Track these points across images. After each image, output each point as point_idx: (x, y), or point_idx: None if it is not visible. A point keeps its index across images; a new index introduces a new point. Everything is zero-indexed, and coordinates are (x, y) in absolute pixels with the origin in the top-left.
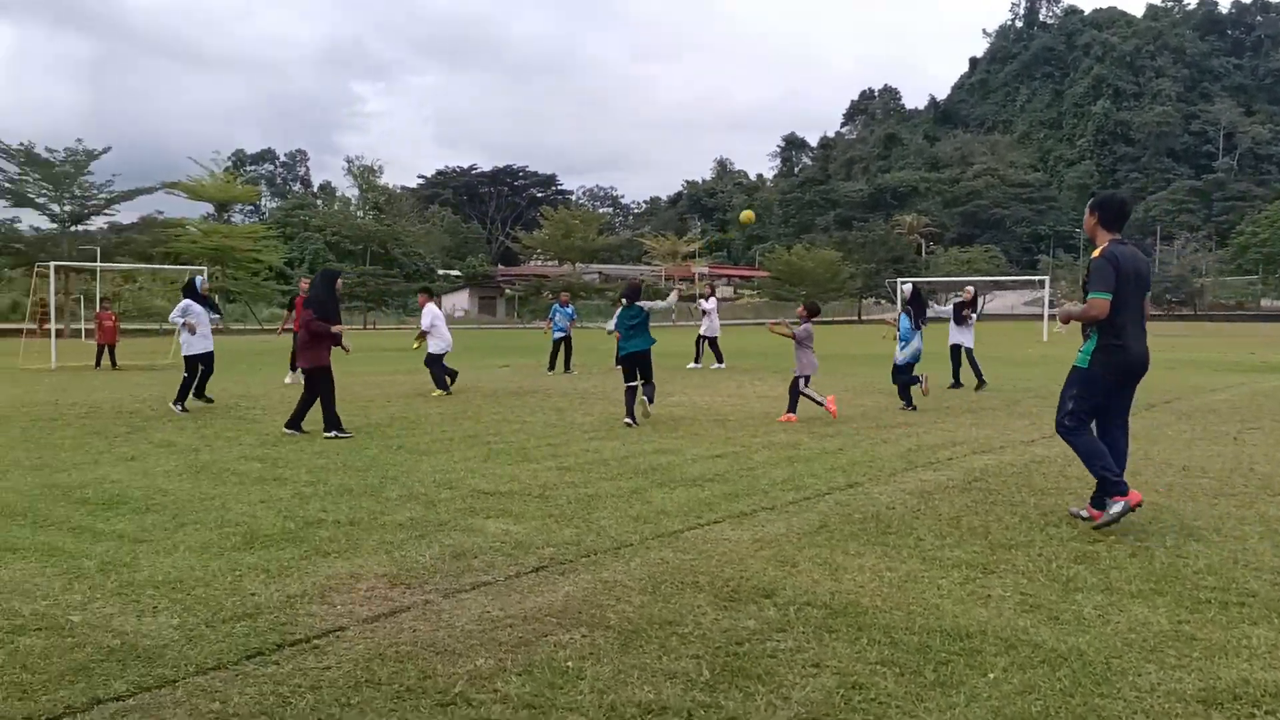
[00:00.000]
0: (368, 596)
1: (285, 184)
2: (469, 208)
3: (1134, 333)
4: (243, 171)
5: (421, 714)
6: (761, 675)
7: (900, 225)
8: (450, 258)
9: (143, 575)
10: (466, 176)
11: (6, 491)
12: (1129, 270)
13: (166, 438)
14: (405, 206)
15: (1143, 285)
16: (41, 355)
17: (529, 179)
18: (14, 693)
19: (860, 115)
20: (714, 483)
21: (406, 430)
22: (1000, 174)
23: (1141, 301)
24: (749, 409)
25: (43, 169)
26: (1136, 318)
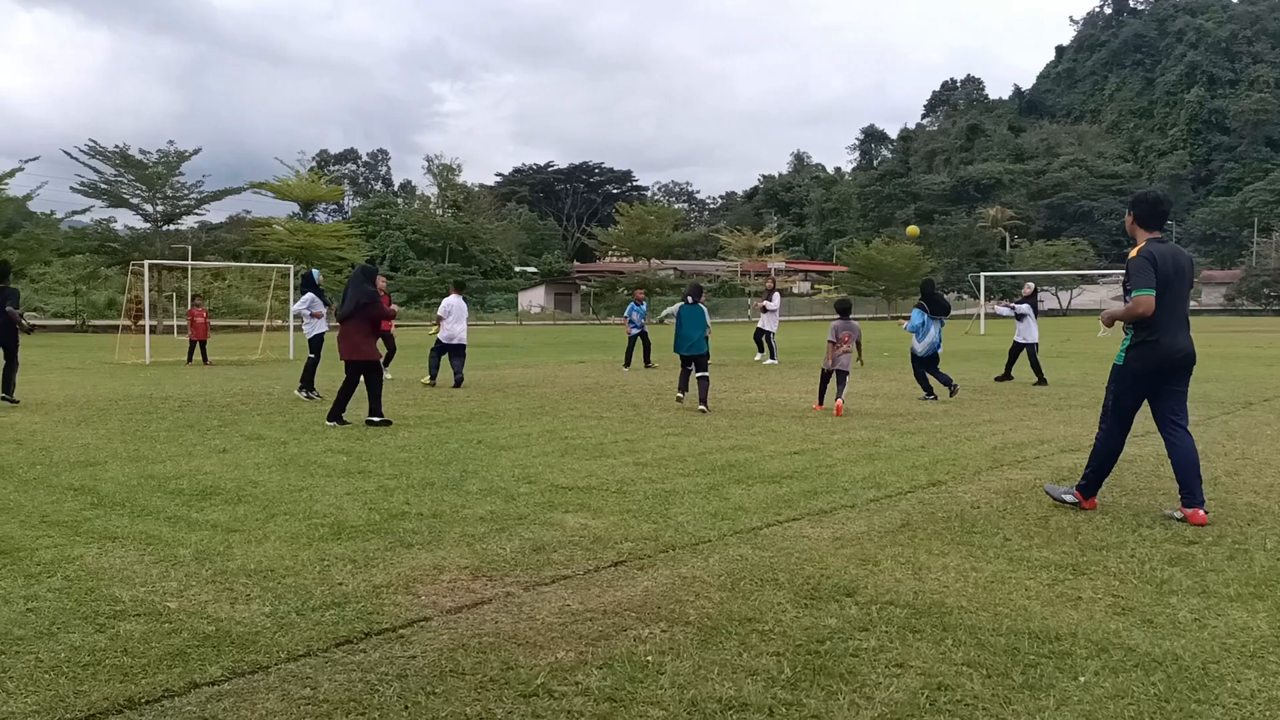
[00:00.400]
0: (450, 588)
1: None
2: (545, 205)
3: (1172, 328)
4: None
5: (505, 704)
6: (844, 674)
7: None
8: (527, 254)
9: (235, 564)
10: (543, 174)
11: (106, 482)
12: (1168, 267)
13: (256, 431)
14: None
15: (1184, 282)
16: (136, 350)
17: (605, 175)
18: (115, 676)
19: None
20: (792, 480)
21: (485, 425)
22: (1088, 165)
23: (1183, 297)
24: (827, 406)
25: (137, 170)
26: (1176, 313)
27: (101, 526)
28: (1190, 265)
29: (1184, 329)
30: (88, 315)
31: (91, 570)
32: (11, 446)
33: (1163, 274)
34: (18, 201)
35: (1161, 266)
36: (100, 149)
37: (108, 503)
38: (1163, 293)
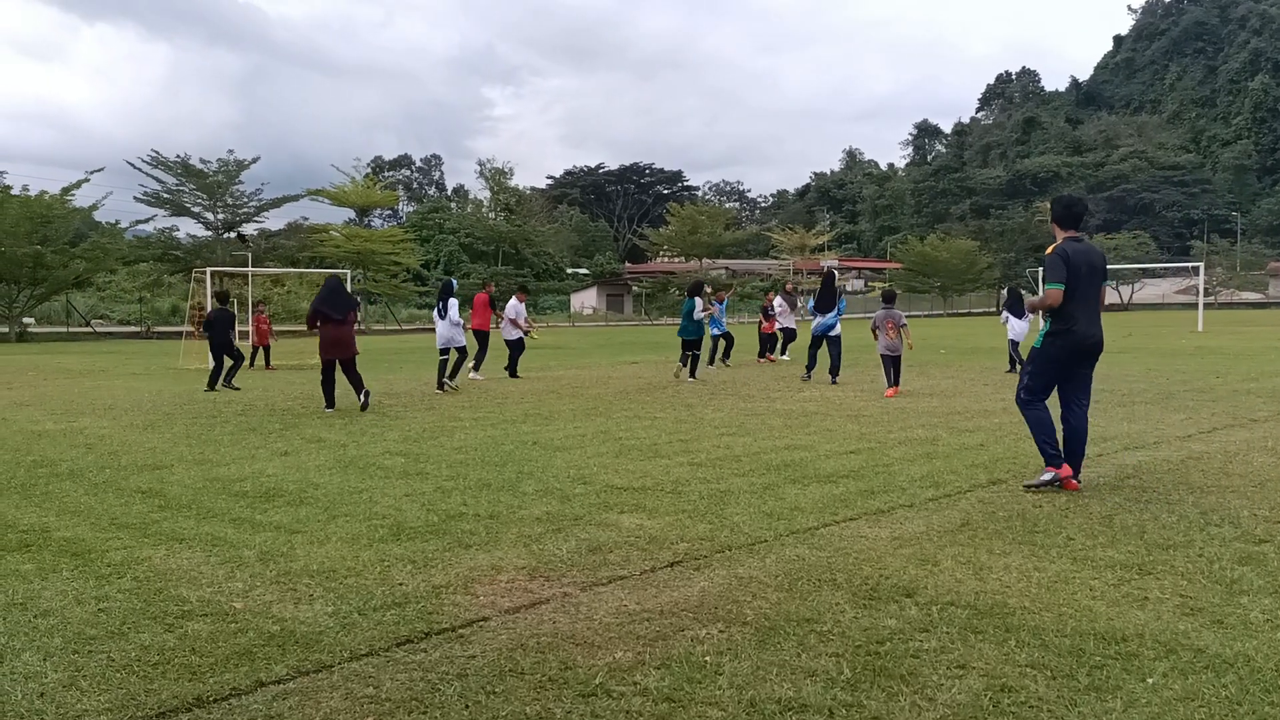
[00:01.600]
0: (508, 588)
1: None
2: (596, 206)
3: (1085, 318)
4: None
5: (564, 704)
6: (905, 675)
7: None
8: (578, 256)
9: (298, 565)
10: (594, 176)
11: (173, 485)
12: (1080, 264)
13: (316, 434)
14: (535, 207)
15: (1096, 278)
16: (199, 356)
17: (655, 176)
18: (184, 674)
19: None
20: (849, 479)
21: (540, 426)
22: (1148, 156)
23: (1096, 291)
24: (884, 404)
25: (198, 179)
26: (1089, 306)
27: (169, 528)
28: (1103, 263)
29: (1095, 320)
30: (152, 322)
31: (160, 571)
32: (81, 451)
33: (1074, 270)
34: (84, 212)
35: (1073, 263)
36: (162, 159)
37: (174, 505)
38: (1075, 287)
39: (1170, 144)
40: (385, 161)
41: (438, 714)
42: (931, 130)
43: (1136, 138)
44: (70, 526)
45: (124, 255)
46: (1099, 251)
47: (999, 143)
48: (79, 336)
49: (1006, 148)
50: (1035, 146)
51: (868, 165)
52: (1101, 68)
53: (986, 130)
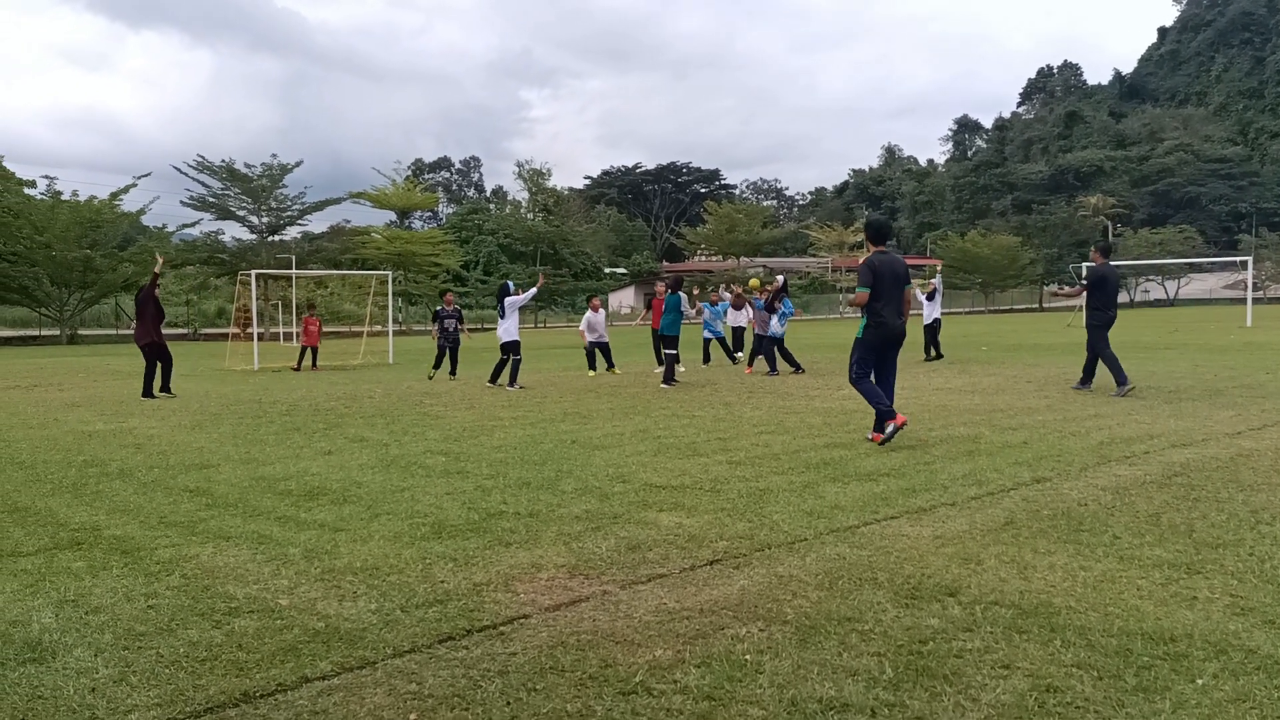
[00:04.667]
0: (549, 586)
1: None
2: (634, 206)
3: (890, 315)
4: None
5: (604, 702)
6: (948, 675)
7: (1084, 207)
8: (616, 256)
9: (342, 562)
10: (631, 175)
11: (220, 484)
12: (885, 272)
13: (359, 433)
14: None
15: (898, 281)
16: (245, 357)
17: (692, 175)
18: (231, 670)
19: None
20: (889, 477)
21: (579, 425)
22: (1194, 149)
23: (899, 293)
24: (924, 402)
25: (242, 183)
26: (894, 304)
27: (216, 526)
28: (905, 270)
29: (898, 314)
30: (199, 324)
31: (207, 569)
32: (131, 450)
33: (880, 276)
34: (132, 216)
35: (879, 271)
36: (207, 164)
37: (221, 504)
38: (881, 290)
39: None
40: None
41: (479, 711)
42: (972, 125)
43: (1182, 130)
44: (120, 525)
45: (171, 258)
46: (901, 261)
47: (1041, 137)
48: (128, 339)
49: (1048, 142)
50: (1078, 141)
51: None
52: (1145, 60)
53: (1028, 125)
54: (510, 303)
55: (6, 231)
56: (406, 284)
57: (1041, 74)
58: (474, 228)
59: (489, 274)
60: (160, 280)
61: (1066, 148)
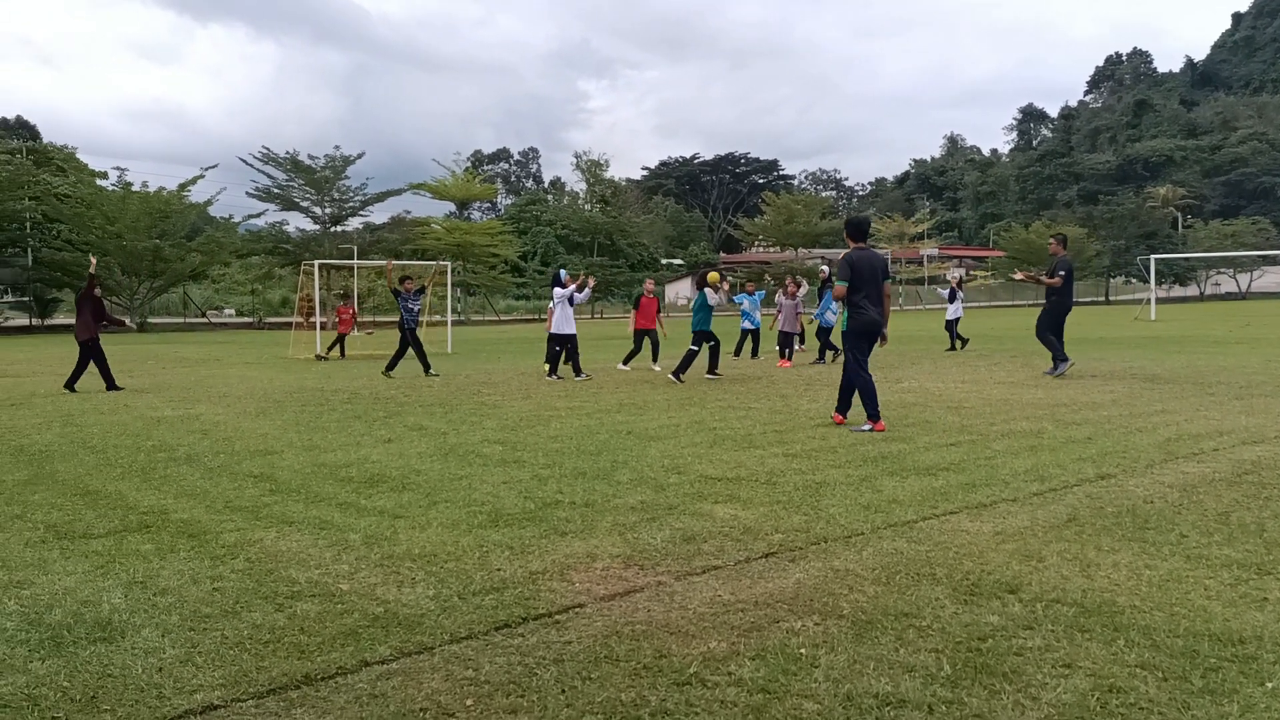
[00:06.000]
0: (604, 575)
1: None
2: (691, 197)
3: (869, 306)
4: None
5: (659, 692)
6: (1007, 673)
7: (1153, 198)
8: (673, 246)
9: (401, 549)
10: (688, 166)
11: (283, 470)
12: (863, 267)
13: (418, 422)
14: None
15: (876, 276)
16: (307, 345)
17: (750, 165)
18: (293, 653)
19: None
20: (949, 472)
21: (634, 416)
22: (1270, 138)
23: (877, 287)
24: (985, 395)
25: (306, 175)
26: (871, 296)
27: (279, 512)
28: (883, 264)
29: (876, 306)
30: (263, 313)
31: (270, 553)
32: (198, 436)
33: (858, 271)
34: (199, 207)
35: (857, 266)
36: (272, 155)
37: (284, 489)
38: (860, 284)
39: None
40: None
41: (535, 698)
42: (1037, 114)
43: (1256, 119)
44: (187, 509)
45: (237, 249)
46: (880, 256)
47: (1108, 126)
48: (195, 327)
49: (1116, 131)
50: (1147, 130)
51: (969, 151)
52: (1219, 47)
53: (1095, 114)
54: (556, 295)
55: (80, 221)
56: (465, 274)
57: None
58: (532, 219)
59: (546, 264)
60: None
61: (1135, 137)
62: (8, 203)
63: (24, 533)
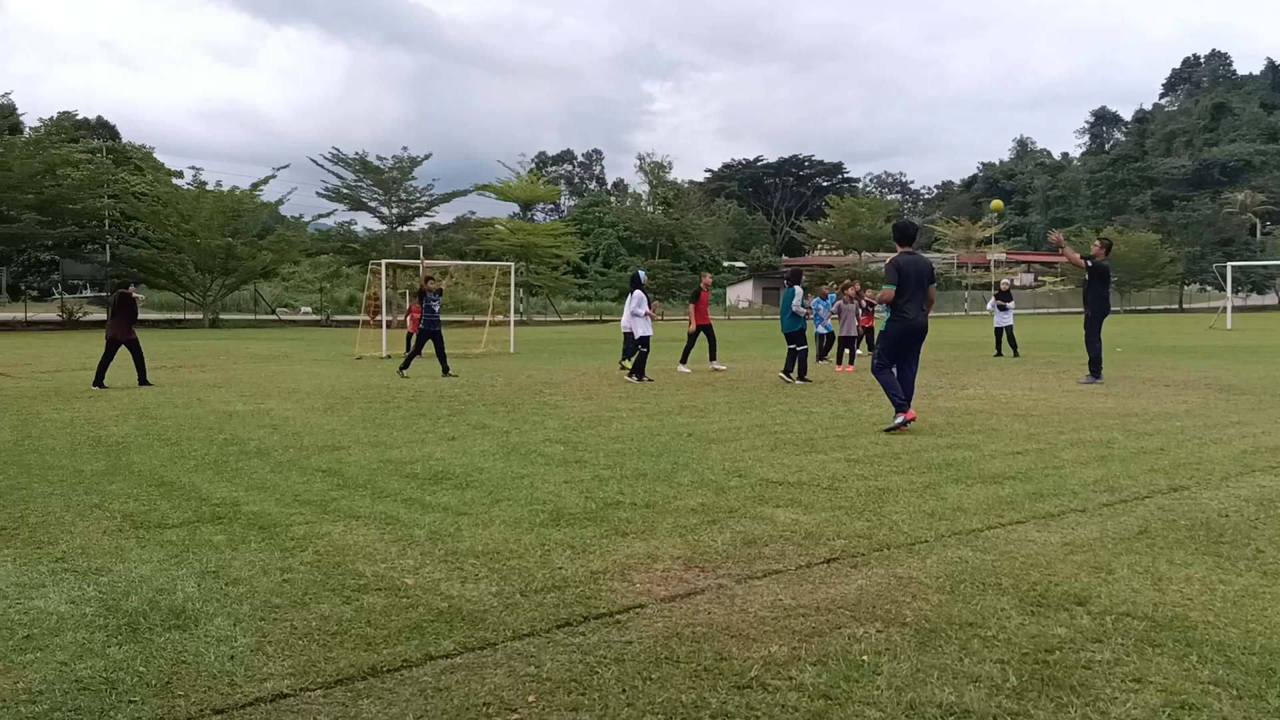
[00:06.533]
0: (664, 577)
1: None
2: (754, 199)
3: (912, 309)
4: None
5: (719, 695)
6: (1075, 686)
7: (1230, 204)
8: (735, 249)
9: (464, 545)
10: (752, 168)
11: (350, 465)
12: (910, 270)
13: (481, 420)
14: (692, 200)
15: (923, 280)
16: (373, 344)
17: (814, 168)
18: (360, 645)
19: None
20: (1015, 481)
21: (695, 418)
22: None
23: (922, 291)
24: (1054, 404)
25: (374, 175)
26: (915, 300)
27: (346, 506)
28: (928, 269)
29: (920, 311)
30: (331, 311)
31: (338, 546)
32: (268, 431)
33: (904, 275)
34: (271, 206)
35: (904, 270)
36: (342, 156)
37: (351, 484)
38: (905, 287)
39: None
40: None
41: (596, 696)
42: (1110, 118)
43: None
44: (258, 501)
45: (307, 247)
46: (926, 261)
47: (1184, 130)
48: (265, 323)
49: (1193, 135)
50: (1225, 134)
51: (1039, 155)
52: None
53: (1171, 117)
54: (633, 300)
55: (156, 219)
56: (528, 275)
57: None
58: (594, 220)
59: (608, 266)
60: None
61: (1212, 141)
62: (88, 200)
63: (102, 521)
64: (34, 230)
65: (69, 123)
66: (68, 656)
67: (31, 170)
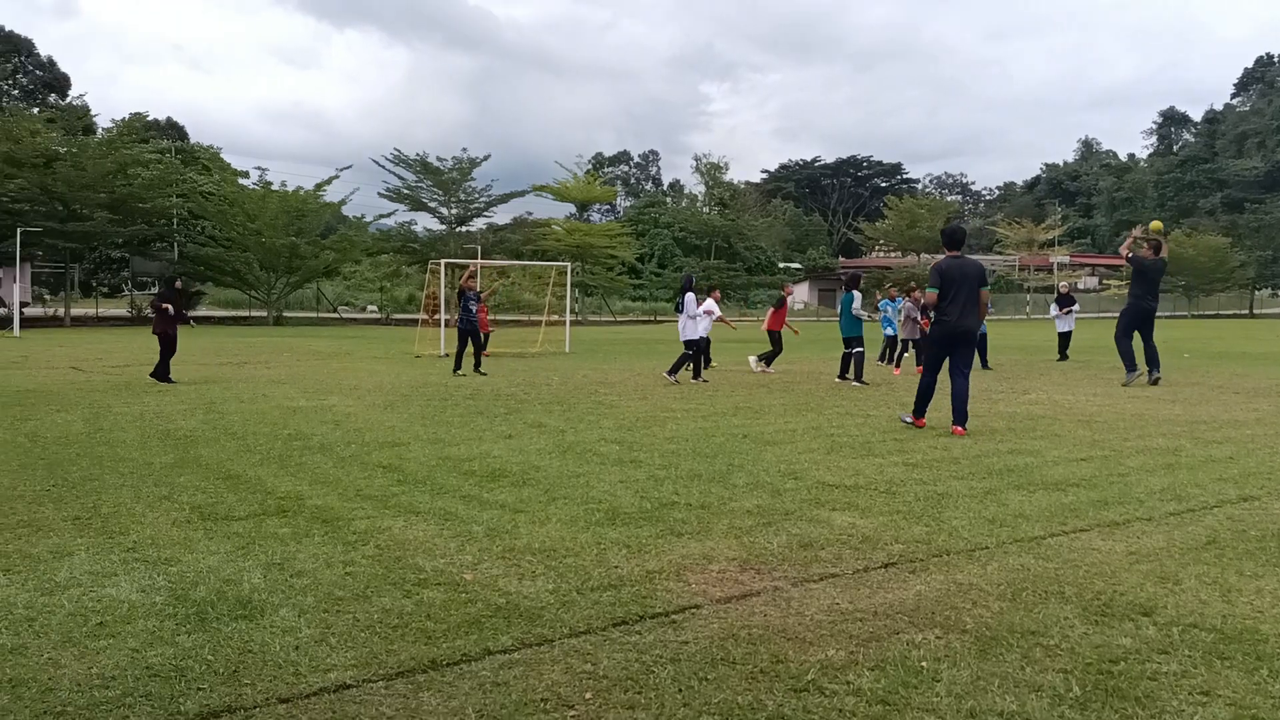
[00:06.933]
0: (719, 578)
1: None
2: (811, 200)
3: (957, 314)
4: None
5: (775, 697)
6: (1140, 698)
7: None
8: (791, 250)
9: (522, 542)
10: (809, 169)
11: (410, 462)
12: (954, 274)
13: (537, 419)
14: (749, 201)
15: (969, 283)
16: (432, 343)
17: (873, 169)
18: (420, 638)
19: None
20: (1079, 488)
21: (750, 420)
22: None
23: (969, 294)
24: (1119, 410)
25: (434, 176)
26: (958, 303)
27: (406, 501)
28: (975, 272)
29: (966, 314)
30: (390, 310)
31: (399, 541)
32: (330, 427)
33: (948, 279)
34: (334, 206)
35: (947, 274)
36: (403, 157)
37: (411, 480)
38: (948, 291)
39: None
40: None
41: (653, 695)
42: (1179, 118)
43: None
44: (320, 495)
45: (368, 247)
46: (973, 264)
47: (1257, 131)
48: (327, 321)
49: (1265, 136)
50: None
51: (1105, 155)
52: None
53: (1243, 118)
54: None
55: (222, 218)
56: (584, 275)
57: (1260, 63)
58: (650, 221)
59: (663, 266)
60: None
61: None
62: (157, 199)
63: (171, 513)
64: (105, 228)
65: (140, 123)
66: (139, 643)
67: (104, 170)
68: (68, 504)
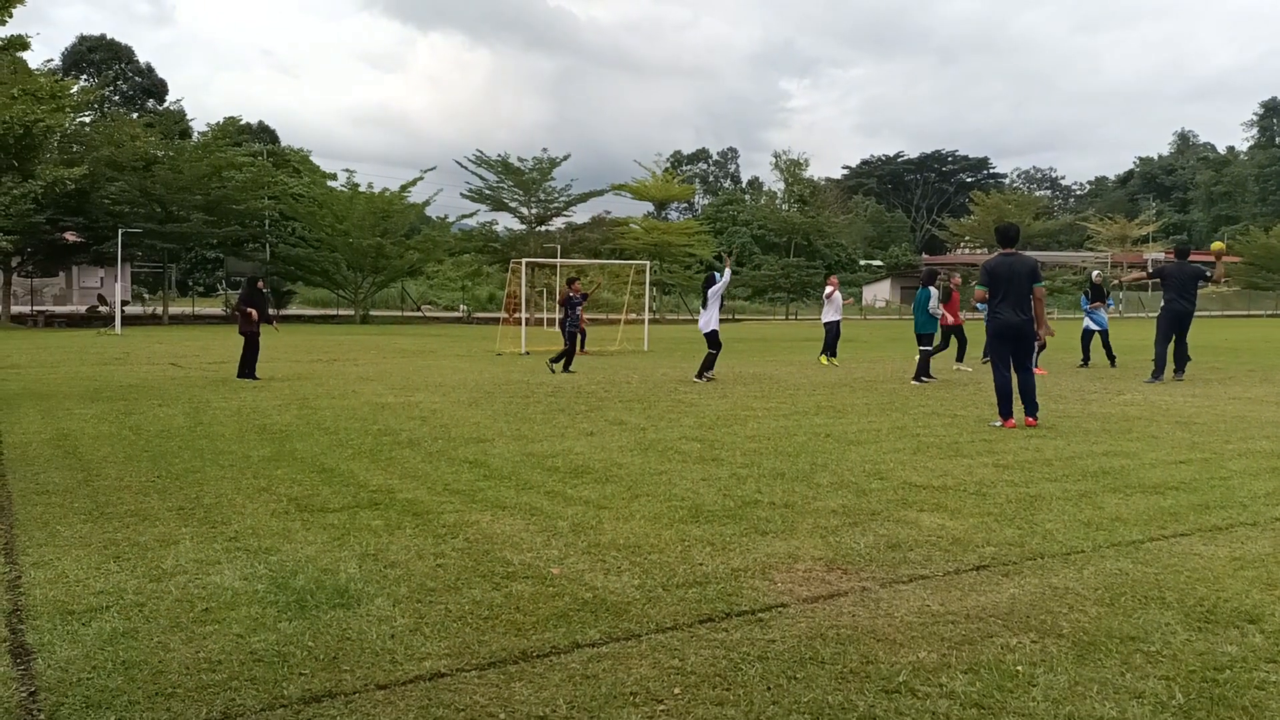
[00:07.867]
0: (806, 577)
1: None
2: (893, 196)
3: (1007, 310)
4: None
5: (866, 698)
6: (1247, 707)
7: None
8: (872, 247)
9: (606, 538)
10: (892, 165)
11: (495, 457)
12: (1003, 272)
13: (618, 417)
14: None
15: (1019, 280)
16: (513, 340)
17: (958, 164)
18: (510, 630)
19: None
20: (1179, 491)
21: (833, 419)
22: None
23: (1019, 290)
24: (1219, 411)
25: (515, 176)
26: (1008, 300)
27: (493, 496)
28: (1026, 269)
29: (1014, 310)
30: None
31: (486, 534)
32: (417, 423)
33: (996, 276)
34: (418, 207)
35: (995, 271)
36: (485, 158)
37: (497, 475)
38: (998, 287)
39: None
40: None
41: (741, 693)
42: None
43: None
44: (410, 489)
45: (450, 247)
46: (1024, 261)
47: None
48: (410, 320)
49: None
50: None
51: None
52: None
53: None
54: (712, 292)
55: (312, 220)
56: (662, 274)
57: None
58: (728, 218)
59: (741, 265)
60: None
61: None
62: (250, 201)
63: (270, 504)
64: (201, 229)
65: (234, 127)
66: (242, 629)
67: (199, 173)
68: (172, 495)
